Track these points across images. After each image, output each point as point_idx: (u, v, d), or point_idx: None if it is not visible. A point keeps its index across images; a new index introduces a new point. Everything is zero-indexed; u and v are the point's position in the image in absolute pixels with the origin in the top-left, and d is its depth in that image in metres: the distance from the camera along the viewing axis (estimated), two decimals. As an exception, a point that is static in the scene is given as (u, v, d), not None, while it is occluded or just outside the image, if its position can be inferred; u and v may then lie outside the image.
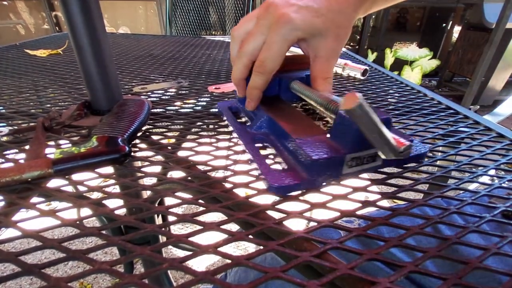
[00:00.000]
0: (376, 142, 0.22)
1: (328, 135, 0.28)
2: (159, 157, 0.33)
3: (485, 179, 0.32)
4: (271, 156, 0.31)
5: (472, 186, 0.59)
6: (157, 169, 0.31)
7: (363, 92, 0.58)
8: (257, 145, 0.32)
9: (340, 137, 0.26)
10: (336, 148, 0.26)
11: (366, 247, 0.21)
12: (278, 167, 0.29)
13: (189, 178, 0.30)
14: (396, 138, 0.23)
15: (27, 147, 0.33)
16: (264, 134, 0.33)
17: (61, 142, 0.36)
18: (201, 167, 0.31)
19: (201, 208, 0.24)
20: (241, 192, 0.27)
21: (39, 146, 0.31)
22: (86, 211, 0.24)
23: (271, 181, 0.26)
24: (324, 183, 0.27)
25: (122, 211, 0.36)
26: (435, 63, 2.66)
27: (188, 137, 0.38)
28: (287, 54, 0.33)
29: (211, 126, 0.42)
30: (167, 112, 0.46)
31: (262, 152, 0.31)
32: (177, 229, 1.30)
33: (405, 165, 0.31)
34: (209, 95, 0.54)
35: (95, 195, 0.27)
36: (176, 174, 0.30)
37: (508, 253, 0.21)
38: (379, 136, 0.22)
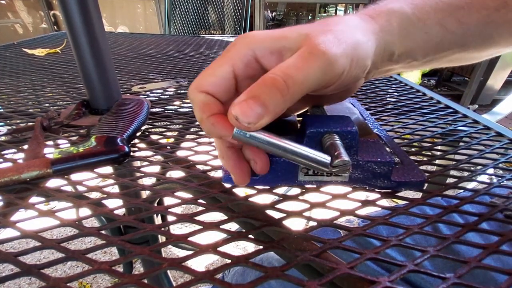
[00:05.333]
0: (292, 160, 0.21)
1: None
2: (158, 157, 0.33)
3: (483, 178, 0.32)
4: None
5: (471, 185, 0.59)
6: (156, 169, 0.31)
7: (363, 91, 0.58)
8: None
9: (299, 142, 0.24)
10: None
11: (362, 247, 0.21)
12: None
13: (189, 178, 0.30)
14: (339, 152, 0.21)
15: (25, 147, 0.32)
16: None
17: (59, 141, 0.36)
18: (200, 167, 0.31)
19: (201, 208, 0.24)
20: (240, 191, 0.27)
21: (37, 146, 0.31)
22: (85, 211, 0.24)
23: (224, 171, 0.27)
24: (279, 184, 0.26)
25: (121, 211, 0.36)
26: (434, 62, 2.66)
27: (187, 136, 0.38)
28: None
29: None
30: (166, 111, 0.46)
31: None
32: (176, 229, 1.30)
33: (387, 190, 0.27)
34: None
35: (94, 195, 0.26)
36: (176, 174, 0.30)
37: (507, 252, 0.22)
38: (291, 155, 0.20)
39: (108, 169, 0.30)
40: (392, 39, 0.24)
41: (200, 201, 0.26)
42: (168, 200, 0.26)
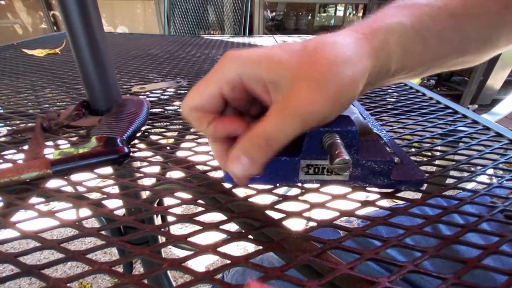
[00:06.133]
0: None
1: None
2: (158, 158, 0.33)
3: (483, 178, 0.32)
4: None
5: (471, 186, 0.59)
6: (156, 169, 0.31)
7: (362, 92, 0.58)
8: None
9: (300, 142, 0.25)
10: (294, 151, 0.25)
11: (362, 247, 0.21)
12: None
13: (188, 178, 0.30)
14: (339, 151, 0.21)
15: (25, 147, 0.32)
16: None
17: (59, 142, 0.36)
18: (200, 167, 0.31)
19: (200, 208, 0.24)
20: (240, 192, 0.27)
21: (37, 147, 0.31)
22: (85, 212, 0.24)
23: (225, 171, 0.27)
24: (278, 184, 0.27)
25: (121, 212, 0.36)
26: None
27: (187, 137, 0.38)
28: None
29: (210, 126, 0.42)
30: (166, 112, 0.46)
31: None
32: (176, 229, 1.30)
33: (385, 190, 0.27)
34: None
35: (94, 196, 0.26)
36: (175, 174, 0.30)
37: (506, 252, 0.22)
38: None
39: (108, 170, 0.30)
40: (388, 58, 0.23)
41: (200, 201, 0.26)
42: (168, 201, 0.26)
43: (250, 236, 0.22)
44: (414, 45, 0.23)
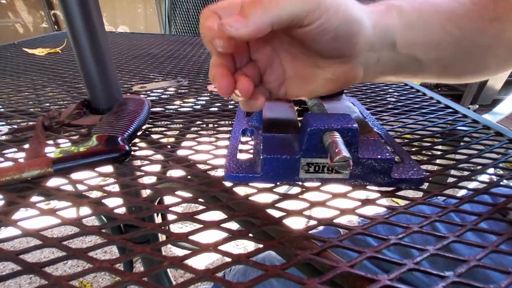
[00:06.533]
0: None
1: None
2: (159, 156, 0.33)
3: (483, 177, 0.32)
4: (246, 148, 0.32)
5: (471, 185, 0.59)
6: (157, 168, 0.31)
7: (363, 91, 0.58)
8: (242, 136, 0.34)
9: (300, 140, 0.25)
10: (294, 150, 0.25)
11: (360, 246, 0.21)
12: (246, 158, 0.29)
13: (189, 177, 0.30)
14: (340, 149, 0.22)
15: (26, 146, 0.33)
16: (254, 127, 0.34)
17: (60, 141, 0.36)
18: (201, 166, 0.31)
19: (201, 207, 0.24)
20: (241, 191, 0.27)
21: (39, 145, 0.31)
22: (85, 210, 0.24)
23: (226, 169, 0.27)
24: (279, 182, 0.27)
25: (121, 210, 0.36)
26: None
27: (188, 136, 0.38)
28: None
29: (210, 125, 0.42)
30: (167, 111, 0.46)
31: (243, 143, 0.32)
32: (176, 228, 1.30)
33: (382, 188, 0.27)
34: (208, 94, 0.54)
35: (95, 194, 0.27)
36: (176, 173, 0.30)
37: (505, 251, 0.22)
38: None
39: (108, 168, 0.30)
40: (393, 24, 0.25)
41: (201, 200, 0.26)
42: (168, 199, 0.26)
43: (250, 235, 0.22)
44: (417, 25, 0.25)
